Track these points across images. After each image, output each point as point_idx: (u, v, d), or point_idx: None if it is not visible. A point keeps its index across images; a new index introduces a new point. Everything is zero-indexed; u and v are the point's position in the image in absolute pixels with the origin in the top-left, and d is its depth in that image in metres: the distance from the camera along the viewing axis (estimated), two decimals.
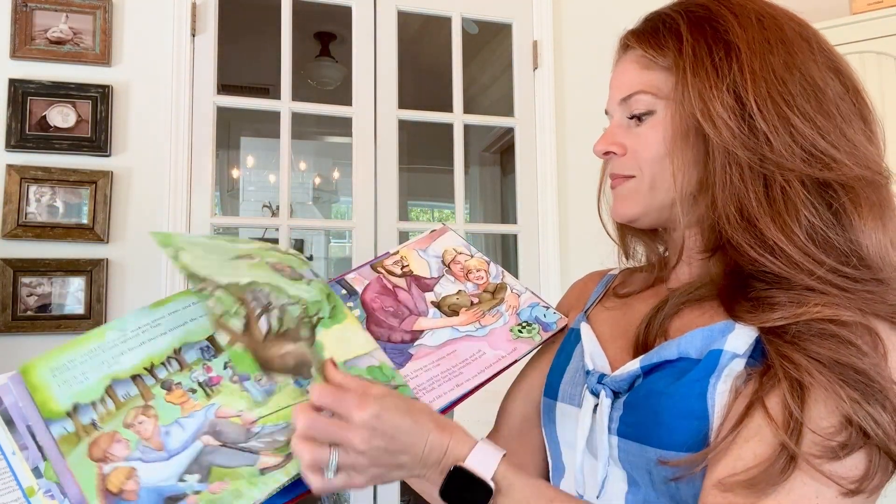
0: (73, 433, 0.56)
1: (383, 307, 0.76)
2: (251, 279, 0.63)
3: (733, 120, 0.58)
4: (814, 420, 0.50)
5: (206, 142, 1.88)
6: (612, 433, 0.61)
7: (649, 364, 0.60)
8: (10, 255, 1.68)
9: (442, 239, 0.85)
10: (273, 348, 0.59)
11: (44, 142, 1.73)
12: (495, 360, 0.72)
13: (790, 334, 0.53)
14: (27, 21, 1.75)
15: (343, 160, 4.86)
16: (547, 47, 2.18)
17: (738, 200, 0.58)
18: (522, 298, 0.79)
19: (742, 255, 0.58)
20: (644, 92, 0.65)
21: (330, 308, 0.68)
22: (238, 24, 2.93)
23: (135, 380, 0.59)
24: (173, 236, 0.66)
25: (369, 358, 0.65)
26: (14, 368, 0.60)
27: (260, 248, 0.70)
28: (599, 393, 0.63)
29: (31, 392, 0.58)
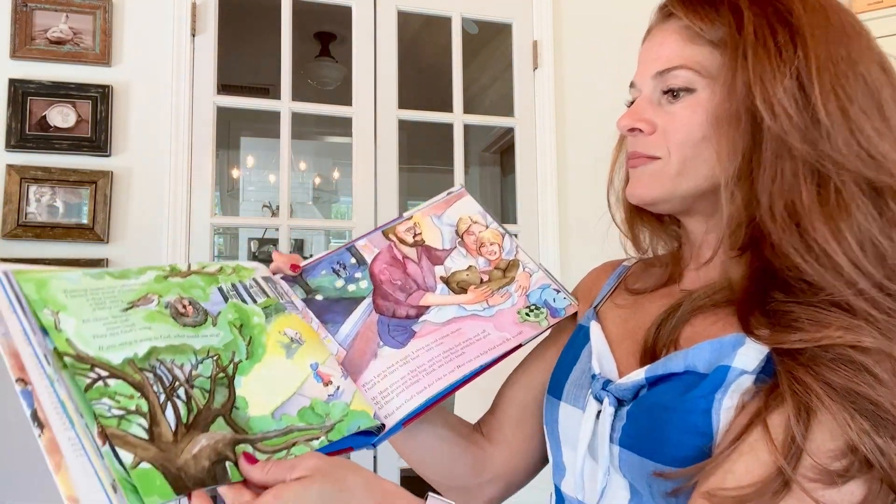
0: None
1: (391, 279, 0.74)
2: (150, 345, 0.55)
3: (794, 108, 0.54)
4: (815, 444, 0.48)
5: (206, 142, 1.88)
6: (615, 442, 0.59)
7: (654, 375, 0.58)
8: (10, 255, 1.68)
9: (458, 204, 0.82)
10: (185, 451, 0.50)
11: (44, 142, 1.73)
12: (500, 342, 0.70)
13: (805, 356, 0.50)
14: (27, 21, 1.75)
15: (343, 160, 4.86)
16: (547, 47, 2.18)
17: (788, 196, 0.54)
18: (534, 279, 0.77)
19: (780, 255, 0.54)
20: (686, 67, 0.60)
21: (246, 344, 0.61)
22: (238, 24, 2.93)
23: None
24: (49, 282, 0.56)
25: (299, 398, 0.59)
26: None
27: (157, 278, 0.62)
28: (603, 399, 0.61)
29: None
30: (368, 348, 0.69)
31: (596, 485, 0.60)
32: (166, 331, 0.57)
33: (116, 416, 0.50)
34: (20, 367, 0.51)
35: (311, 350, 0.64)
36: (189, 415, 0.53)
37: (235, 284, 0.66)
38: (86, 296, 0.57)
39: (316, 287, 0.73)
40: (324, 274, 0.74)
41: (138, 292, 0.60)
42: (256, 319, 0.64)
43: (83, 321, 0.55)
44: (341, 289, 0.73)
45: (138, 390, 0.52)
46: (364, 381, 0.66)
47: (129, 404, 0.51)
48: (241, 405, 0.56)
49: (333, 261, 0.75)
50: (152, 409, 0.52)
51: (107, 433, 0.49)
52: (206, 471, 0.50)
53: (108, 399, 0.50)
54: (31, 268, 0.57)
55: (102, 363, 0.52)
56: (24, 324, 0.53)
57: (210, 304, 0.62)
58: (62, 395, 0.50)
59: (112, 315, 0.56)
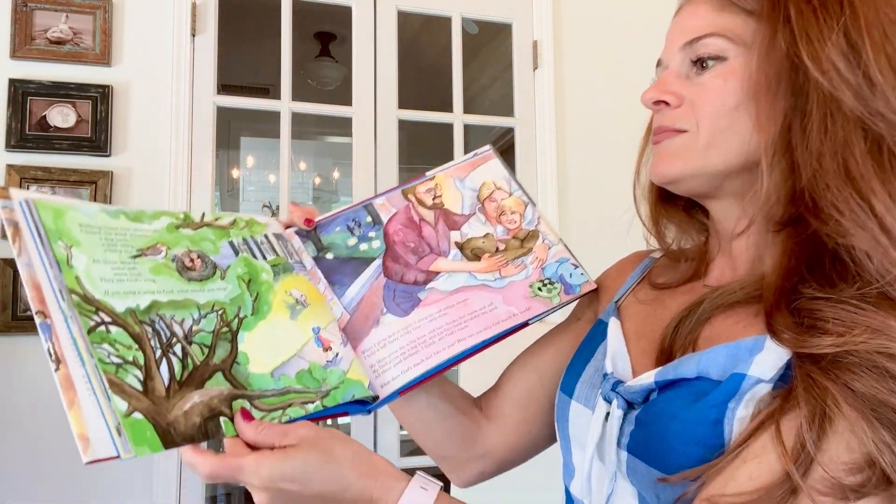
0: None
1: (405, 241, 0.72)
2: (152, 299, 0.55)
3: (845, 64, 0.51)
4: (828, 454, 0.44)
5: (206, 142, 1.88)
6: (622, 448, 0.57)
7: (665, 380, 0.55)
8: (10, 254, 1.68)
9: (484, 167, 0.78)
10: (176, 407, 0.51)
11: (44, 142, 1.73)
12: (506, 316, 0.67)
13: (826, 359, 0.47)
14: (27, 21, 1.75)
15: (343, 160, 4.86)
16: (547, 47, 2.18)
17: (842, 156, 0.50)
18: (552, 251, 0.73)
19: (831, 223, 0.49)
20: (717, 35, 0.57)
21: (252, 300, 0.61)
22: (238, 24, 2.93)
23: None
24: (66, 213, 0.56)
25: (298, 361, 0.59)
26: (14, 369, 0.59)
27: (169, 227, 0.62)
28: (612, 401, 0.58)
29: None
30: (371, 314, 0.67)
31: (603, 489, 0.58)
32: (170, 285, 0.57)
33: (115, 363, 0.50)
34: (41, 299, 0.51)
35: (315, 313, 0.64)
36: (183, 372, 0.53)
37: (247, 239, 0.66)
38: (99, 234, 0.57)
39: (328, 244, 0.72)
40: (338, 231, 0.73)
41: (149, 240, 0.60)
42: (265, 276, 0.64)
43: (93, 261, 0.55)
44: (353, 247, 0.72)
45: (136, 342, 0.52)
46: (364, 347, 0.66)
47: (127, 354, 0.51)
48: (243, 361, 0.57)
49: (349, 218, 0.74)
50: (148, 362, 0.52)
51: (106, 378, 0.49)
52: (197, 427, 0.51)
53: (109, 345, 0.51)
54: (50, 197, 0.57)
55: (106, 308, 0.53)
56: (43, 255, 0.53)
57: (220, 257, 0.63)
58: (74, 332, 0.50)
59: (121, 260, 0.56)
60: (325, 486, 0.51)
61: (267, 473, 0.49)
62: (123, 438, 0.47)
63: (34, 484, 1.65)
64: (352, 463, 0.52)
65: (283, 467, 0.49)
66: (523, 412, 0.76)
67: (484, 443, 0.77)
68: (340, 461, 0.52)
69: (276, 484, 0.49)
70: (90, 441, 0.47)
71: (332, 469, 0.51)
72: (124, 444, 0.47)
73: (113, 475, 1.71)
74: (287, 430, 0.52)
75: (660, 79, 0.62)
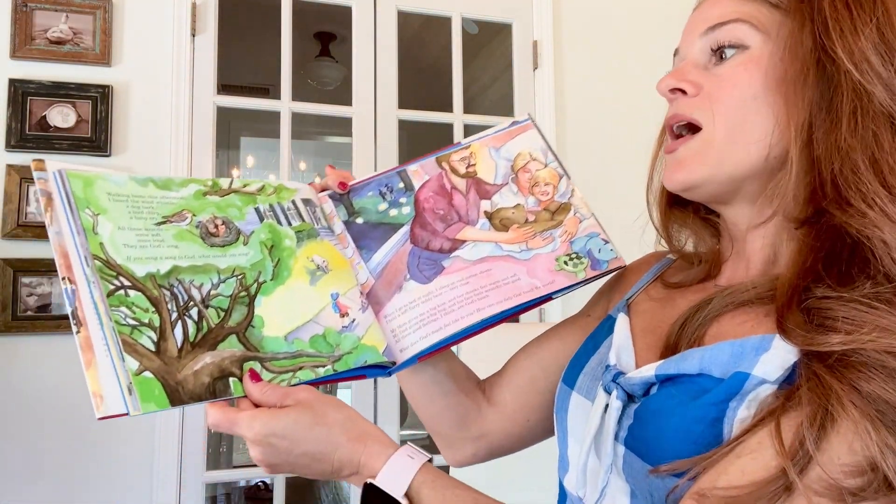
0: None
1: (434, 208, 0.72)
2: (173, 264, 0.58)
3: (878, 59, 0.51)
4: (829, 455, 0.43)
5: (206, 142, 1.88)
6: (620, 442, 0.56)
7: (665, 374, 0.54)
8: (10, 255, 1.68)
9: (521, 137, 0.76)
10: (186, 367, 0.53)
11: (44, 142, 1.73)
12: (528, 288, 0.67)
13: (833, 358, 0.46)
14: (27, 21, 1.75)
15: (343, 160, 4.85)
16: (547, 47, 2.18)
17: (871, 150, 0.50)
18: (583, 225, 0.71)
19: (856, 216, 0.49)
20: (741, 21, 0.56)
21: (273, 265, 0.63)
22: (238, 24, 2.93)
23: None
24: (96, 182, 0.59)
25: (313, 325, 0.62)
26: (14, 369, 0.61)
27: (196, 194, 0.64)
28: (612, 392, 0.58)
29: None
30: (395, 280, 0.68)
31: (597, 482, 0.58)
32: (192, 251, 0.60)
33: (131, 325, 0.53)
34: (68, 266, 0.54)
35: (336, 279, 0.66)
36: (197, 334, 0.56)
37: (273, 205, 0.67)
38: (126, 202, 0.60)
39: (359, 209, 0.72)
40: (370, 195, 0.73)
41: (175, 206, 0.62)
42: (288, 242, 0.65)
43: (118, 228, 0.57)
44: (383, 213, 0.72)
45: (154, 305, 0.55)
46: (386, 312, 0.67)
47: (143, 317, 0.54)
48: (258, 324, 0.59)
49: (382, 183, 0.74)
50: (163, 324, 0.55)
51: (120, 339, 0.52)
52: (206, 386, 0.54)
53: (126, 308, 0.54)
54: (81, 167, 0.60)
55: (127, 273, 0.55)
56: (71, 223, 0.56)
57: (245, 223, 0.64)
58: (95, 296, 0.53)
59: (145, 227, 0.59)
60: (314, 445, 0.53)
61: (259, 428, 0.52)
62: (133, 396, 0.50)
63: (34, 484, 1.65)
64: (343, 427, 0.54)
65: (275, 424, 0.53)
66: (523, 400, 0.76)
67: (480, 425, 0.77)
68: (331, 424, 0.54)
69: (267, 439, 0.53)
70: (103, 398, 0.50)
71: (322, 430, 0.54)
72: (134, 401, 0.50)
73: (113, 475, 1.71)
74: (289, 392, 0.55)
75: (677, 67, 0.61)
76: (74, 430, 1.69)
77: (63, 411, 1.68)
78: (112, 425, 1.71)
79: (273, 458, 0.54)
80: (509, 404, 0.77)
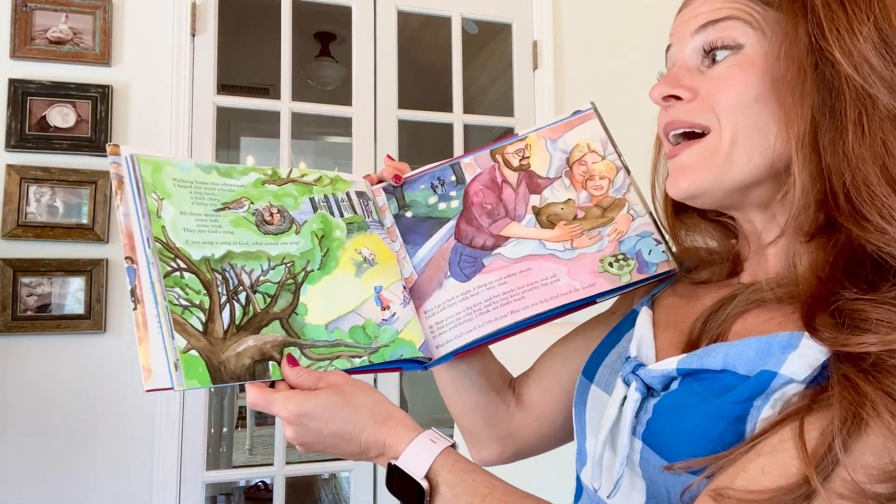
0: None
1: (483, 203, 0.71)
2: (227, 249, 0.61)
3: (878, 59, 0.48)
4: (854, 458, 0.42)
5: (206, 142, 1.88)
6: (637, 436, 0.54)
7: (688, 368, 0.52)
8: (10, 255, 1.68)
9: (581, 128, 0.74)
10: (229, 349, 0.56)
11: (44, 142, 1.73)
12: (567, 290, 0.64)
13: (868, 361, 0.44)
14: (27, 21, 1.75)
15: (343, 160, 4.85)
16: (547, 47, 2.18)
17: (881, 159, 0.47)
18: (635, 223, 0.67)
19: (875, 233, 0.47)
20: (736, 18, 0.54)
21: (322, 254, 0.65)
22: (238, 24, 2.93)
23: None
24: (164, 168, 0.62)
25: (354, 316, 0.63)
26: (14, 369, 0.62)
27: (255, 182, 0.66)
28: (631, 384, 0.56)
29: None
30: (436, 277, 0.69)
31: (612, 474, 0.57)
32: (246, 237, 0.62)
33: (183, 305, 0.56)
34: (131, 246, 0.57)
35: (381, 272, 0.67)
36: (244, 317, 0.59)
37: (328, 196, 0.69)
38: (190, 188, 0.63)
39: (410, 202, 0.72)
40: (422, 188, 0.73)
41: (235, 194, 0.65)
42: (338, 233, 0.67)
43: (180, 213, 0.60)
44: (432, 206, 0.72)
45: (206, 288, 0.58)
46: (426, 308, 0.68)
47: (195, 298, 0.57)
48: (301, 311, 0.61)
49: (435, 175, 0.74)
50: (212, 307, 0.58)
51: (172, 318, 0.55)
52: (246, 368, 0.57)
53: (180, 289, 0.57)
54: (151, 152, 0.63)
55: (184, 256, 0.58)
56: (138, 206, 0.58)
57: (299, 212, 0.67)
58: (154, 276, 0.56)
59: (205, 213, 0.62)
60: (343, 426, 0.56)
61: (293, 408, 0.55)
62: (179, 373, 0.53)
63: (34, 484, 1.65)
64: (371, 410, 0.56)
65: (307, 405, 0.55)
66: (550, 400, 0.76)
67: (508, 425, 0.77)
68: (359, 406, 0.56)
69: (299, 419, 0.55)
70: (152, 372, 0.53)
71: (350, 412, 0.56)
72: (178, 377, 0.53)
73: (113, 475, 1.71)
74: (321, 377, 0.58)
75: (668, 73, 0.58)
76: (74, 430, 1.69)
77: (63, 411, 1.68)
78: (112, 425, 1.71)
79: (305, 437, 0.56)
80: (536, 404, 0.77)
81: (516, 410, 0.78)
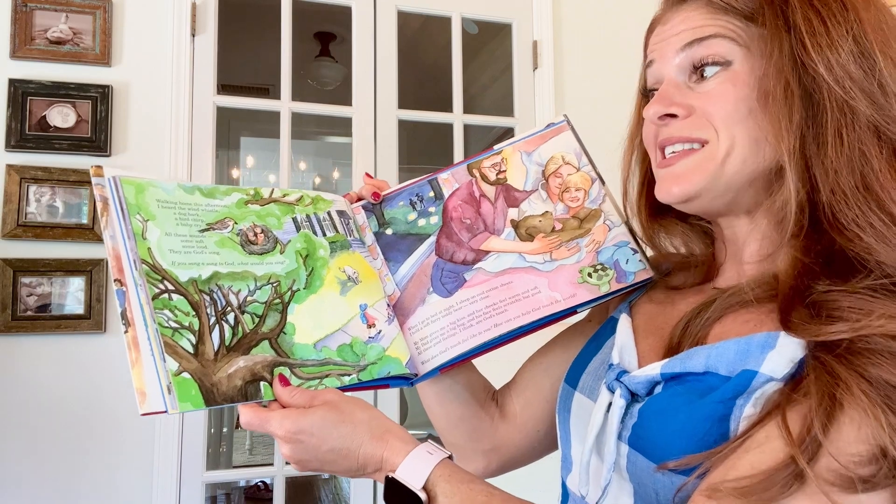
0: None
1: (462, 218, 0.71)
2: (214, 270, 0.60)
3: (858, 72, 0.50)
4: (838, 443, 0.43)
5: (206, 142, 1.88)
6: (623, 441, 0.56)
7: (671, 372, 0.54)
8: (10, 255, 1.68)
9: (555, 140, 0.74)
10: (221, 370, 0.56)
11: (44, 142, 1.73)
12: (548, 302, 0.66)
13: (842, 347, 0.46)
14: (27, 21, 1.75)
15: (343, 160, 4.86)
16: (547, 47, 2.18)
17: (859, 166, 0.50)
18: (612, 234, 0.69)
19: (849, 233, 0.49)
20: (721, 36, 0.55)
21: (307, 274, 0.65)
22: (238, 24, 2.93)
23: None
24: (147, 189, 0.61)
25: (342, 335, 0.64)
26: (14, 369, 0.62)
27: (238, 203, 0.66)
28: (615, 390, 0.57)
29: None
30: (419, 293, 0.69)
31: (600, 480, 0.58)
32: (232, 258, 0.62)
33: (173, 327, 0.56)
34: (119, 268, 0.57)
35: (365, 291, 0.68)
36: (233, 338, 0.58)
37: (310, 216, 0.70)
38: (174, 209, 0.62)
39: (389, 219, 0.73)
40: (401, 205, 0.73)
41: (218, 214, 0.64)
42: (322, 252, 0.67)
43: (165, 234, 0.60)
44: (412, 223, 0.72)
45: (194, 309, 0.58)
46: (410, 324, 0.68)
47: (184, 320, 0.57)
48: (289, 331, 0.61)
49: (413, 192, 0.74)
50: (202, 328, 0.57)
51: (162, 340, 0.54)
52: (238, 389, 0.56)
53: (169, 311, 0.56)
54: (134, 173, 0.62)
55: (171, 277, 0.58)
56: (123, 228, 0.58)
57: (283, 232, 0.67)
58: (142, 298, 0.56)
59: (190, 234, 0.61)
60: (340, 442, 0.56)
61: (290, 426, 0.55)
62: (172, 396, 0.53)
63: (34, 484, 1.65)
64: (367, 425, 0.57)
65: (303, 422, 0.55)
66: (532, 411, 0.76)
67: (492, 438, 0.77)
68: (356, 422, 0.57)
69: (296, 436, 0.55)
70: (147, 395, 0.52)
71: (347, 428, 0.56)
72: (172, 400, 0.52)
73: (113, 475, 1.71)
74: (316, 395, 0.58)
75: (660, 92, 0.59)
76: (74, 430, 1.69)
77: (63, 411, 1.68)
78: (112, 425, 1.71)
79: (302, 455, 0.56)
80: (519, 415, 0.77)
81: (500, 423, 0.78)
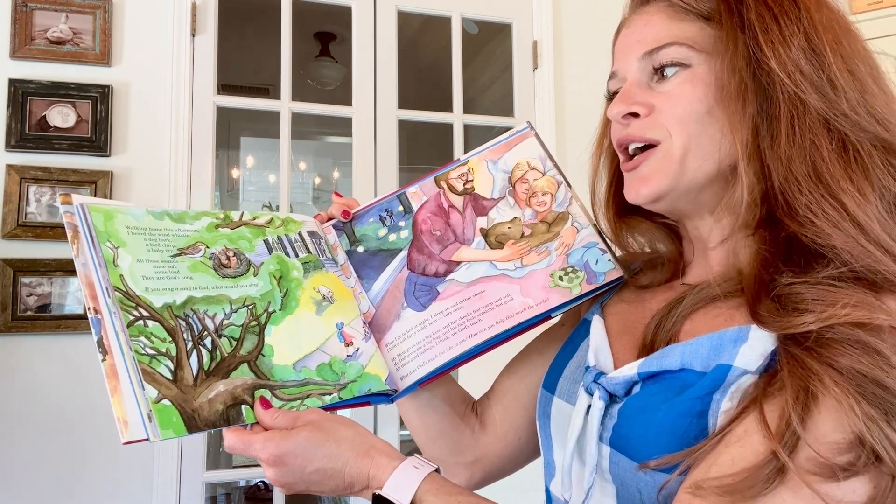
0: None
1: (431, 230, 0.71)
2: (188, 295, 0.60)
3: (809, 67, 0.53)
4: (816, 434, 0.44)
5: (206, 142, 1.88)
6: (604, 442, 0.56)
7: (648, 371, 0.55)
8: (10, 255, 1.68)
9: (520, 147, 0.74)
10: (201, 395, 0.55)
11: (44, 142, 1.73)
12: (521, 309, 0.66)
13: (811, 339, 0.47)
14: (27, 21, 1.75)
15: (343, 160, 4.86)
16: (547, 47, 2.18)
17: (810, 157, 0.52)
18: (580, 235, 0.69)
19: (805, 223, 0.51)
20: (678, 44, 0.58)
21: (282, 296, 0.65)
22: (238, 24, 2.93)
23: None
24: (115, 216, 0.61)
25: (320, 354, 0.63)
26: (14, 369, 0.62)
27: (209, 227, 0.66)
28: (594, 392, 0.58)
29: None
30: (393, 308, 0.69)
31: (583, 483, 0.58)
32: (205, 282, 0.62)
33: (150, 354, 0.55)
34: (93, 296, 0.56)
35: (340, 309, 0.68)
36: (211, 363, 0.58)
37: (281, 237, 0.69)
38: (144, 235, 0.62)
39: (360, 236, 0.73)
40: (371, 222, 0.73)
41: (190, 239, 0.64)
42: (295, 273, 0.67)
43: (137, 260, 0.59)
44: (383, 238, 0.72)
45: (170, 335, 0.57)
46: (387, 341, 0.68)
47: (161, 346, 0.56)
48: (268, 353, 0.61)
49: (382, 208, 0.74)
50: (179, 354, 0.57)
51: (140, 367, 0.54)
52: (220, 414, 0.56)
53: (145, 338, 0.56)
54: (102, 201, 0.62)
55: (146, 304, 0.57)
56: (94, 255, 0.58)
57: (255, 255, 0.67)
58: (117, 326, 0.55)
59: (162, 259, 0.61)
60: (325, 462, 0.55)
61: (273, 449, 0.55)
62: (153, 423, 0.52)
63: (34, 483, 1.65)
64: (352, 443, 0.56)
65: (287, 444, 0.55)
66: (511, 419, 0.76)
67: (474, 450, 0.77)
68: (340, 441, 0.56)
69: (281, 458, 0.55)
70: (128, 424, 0.52)
71: (332, 448, 0.56)
72: (153, 428, 0.52)
73: (113, 475, 1.71)
74: (298, 416, 0.57)
75: (623, 91, 0.61)
76: (74, 429, 1.69)
77: (63, 411, 1.68)
78: (112, 425, 1.71)
79: (288, 477, 0.56)
80: (499, 424, 0.77)
81: (481, 434, 0.77)
